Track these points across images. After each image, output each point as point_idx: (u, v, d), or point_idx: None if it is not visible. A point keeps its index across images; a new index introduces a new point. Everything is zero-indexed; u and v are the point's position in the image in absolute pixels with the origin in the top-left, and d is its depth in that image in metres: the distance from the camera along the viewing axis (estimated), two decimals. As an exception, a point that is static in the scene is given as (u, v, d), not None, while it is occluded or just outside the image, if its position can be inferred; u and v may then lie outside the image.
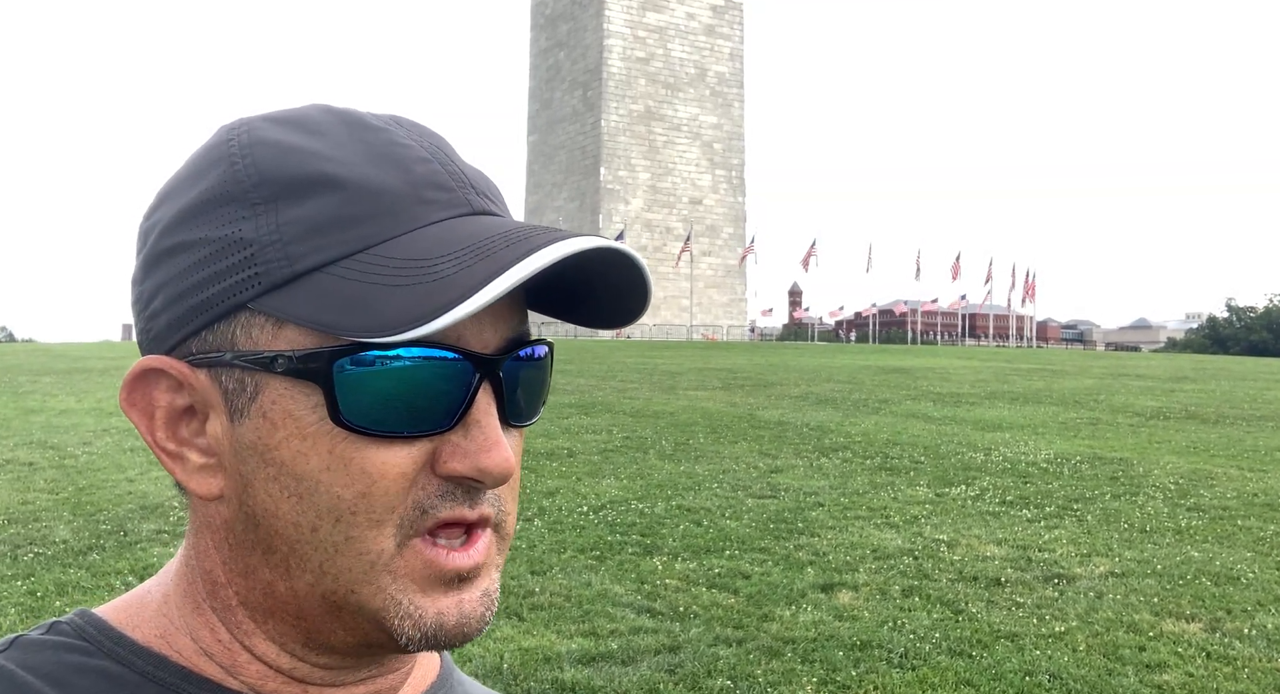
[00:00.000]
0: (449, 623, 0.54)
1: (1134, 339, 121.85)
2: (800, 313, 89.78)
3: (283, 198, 0.54)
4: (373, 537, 0.53)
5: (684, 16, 74.59)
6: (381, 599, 0.53)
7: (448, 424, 0.54)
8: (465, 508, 0.54)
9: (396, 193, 0.54)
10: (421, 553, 0.53)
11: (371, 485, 0.52)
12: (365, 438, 0.53)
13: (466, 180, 0.58)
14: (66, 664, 0.55)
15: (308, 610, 0.55)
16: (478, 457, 0.53)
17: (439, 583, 0.54)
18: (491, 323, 0.56)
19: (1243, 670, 4.72)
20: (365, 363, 0.52)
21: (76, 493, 8.64)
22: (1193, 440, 12.78)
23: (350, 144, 0.56)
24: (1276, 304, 77.88)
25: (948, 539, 7.22)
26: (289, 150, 0.55)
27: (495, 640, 4.99)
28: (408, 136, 0.58)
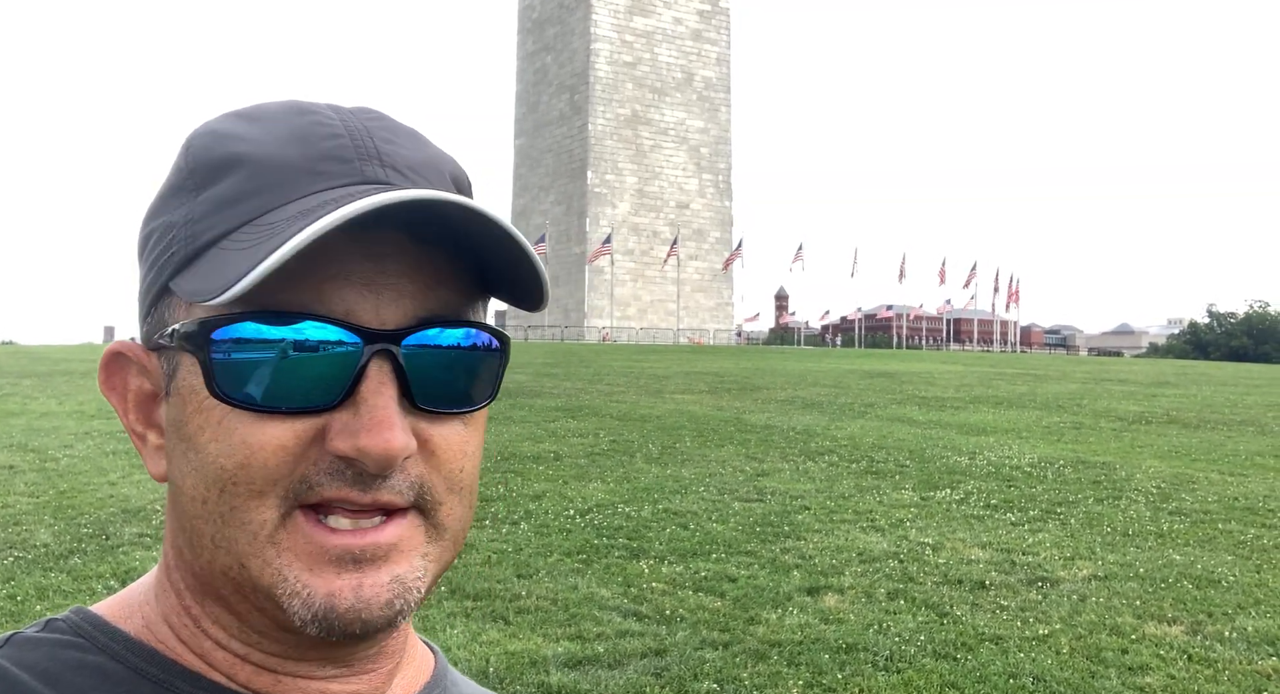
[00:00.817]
0: (341, 606, 0.51)
1: (1116, 344, 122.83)
2: (786, 317, 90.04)
3: (206, 181, 0.56)
4: (254, 506, 0.52)
5: (671, 21, 74.76)
6: (270, 574, 0.52)
7: (333, 401, 0.52)
8: (354, 491, 0.52)
9: (293, 166, 0.54)
10: (303, 528, 0.52)
11: (250, 456, 0.52)
12: (248, 411, 0.52)
13: (375, 154, 0.56)
14: (62, 661, 0.55)
15: (221, 590, 0.55)
16: (359, 436, 0.51)
17: (328, 562, 0.52)
18: (394, 297, 0.54)
19: (1223, 673, 4.76)
20: (242, 334, 0.52)
21: (57, 496, 8.56)
22: (1174, 445, 12.89)
23: (277, 127, 0.57)
24: (1257, 310, 78.69)
25: (933, 542, 7.25)
26: (220, 137, 0.57)
27: (481, 644, 4.98)
28: (337, 118, 0.57)
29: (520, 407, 15.79)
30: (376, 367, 0.53)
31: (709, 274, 74.00)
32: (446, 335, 0.55)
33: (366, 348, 0.52)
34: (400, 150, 0.57)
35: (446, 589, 5.88)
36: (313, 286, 0.52)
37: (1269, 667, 4.83)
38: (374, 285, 0.54)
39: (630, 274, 70.56)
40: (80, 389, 17.40)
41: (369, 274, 0.54)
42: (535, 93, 78.01)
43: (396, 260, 0.54)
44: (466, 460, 0.57)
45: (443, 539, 0.56)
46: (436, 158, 0.59)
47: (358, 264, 0.53)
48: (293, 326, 0.52)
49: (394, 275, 0.54)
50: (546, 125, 76.25)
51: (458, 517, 0.57)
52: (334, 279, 0.53)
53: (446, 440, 0.55)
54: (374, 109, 0.60)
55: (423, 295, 0.55)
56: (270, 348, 0.52)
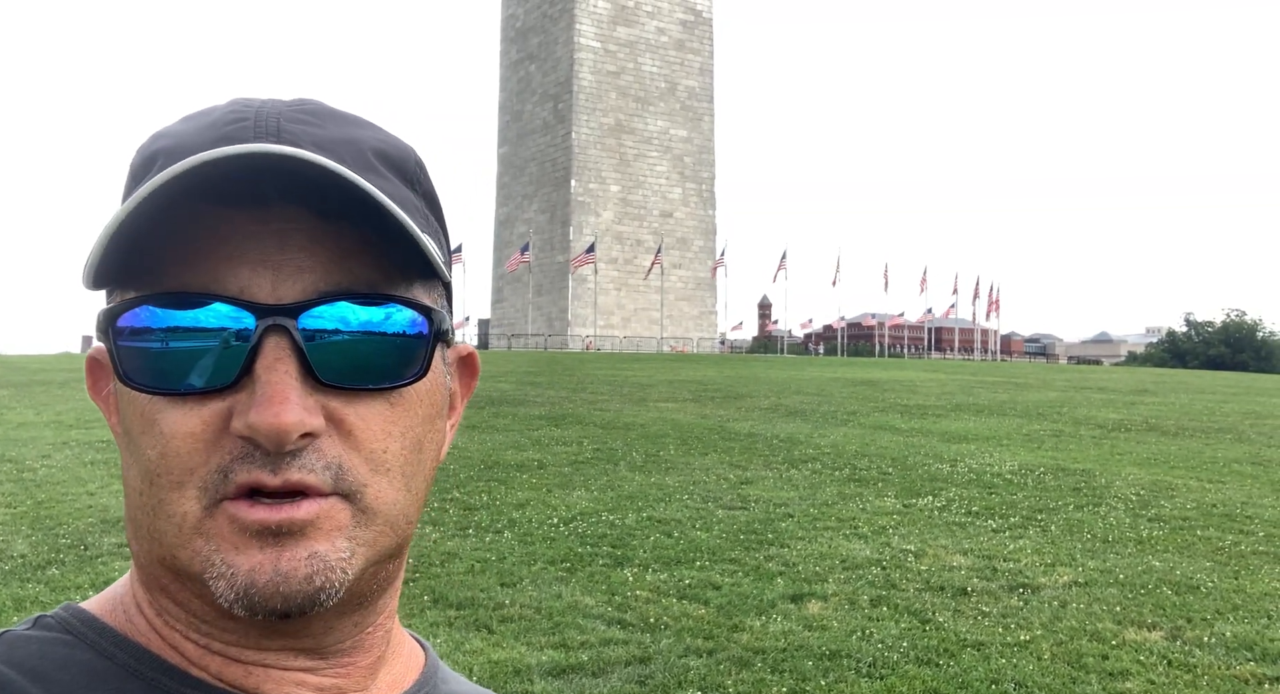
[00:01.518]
0: (260, 580, 0.51)
1: (1096, 353, 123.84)
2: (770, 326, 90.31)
3: (136, 182, 0.56)
4: (175, 499, 0.52)
5: (654, 31, 75.00)
6: (199, 562, 0.52)
7: (228, 380, 0.52)
8: (265, 473, 0.51)
9: (194, 151, 0.54)
10: (227, 510, 0.52)
11: (166, 446, 0.52)
12: (159, 398, 0.52)
13: (274, 133, 0.55)
14: (51, 659, 0.55)
15: (162, 579, 0.56)
16: (249, 412, 0.51)
17: (250, 538, 0.51)
18: (294, 273, 0.53)
19: (1202, 678, 4.81)
20: (140, 319, 0.52)
21: (35, 507, 8.46)
22: (1153, 452, 13.01)
23: (203, 121, 0.57)
24: (1234, 319, 79.50)
25: (915, 549, 7.29)
26: (154, 138, 0.58)
27: (464, 653, 4.96)
28: (254, 105, 0.57)
29: (504, 415, 15.75)
30: (272, 343, 0.52)
31: (693, 283, 74.11)
32: (355, 310, 0.54)
33: (259, 324, 0.52)
34: (310, 130, 0.56)
35: (429, 598, 5.86)
36: (212, 268, 0.53)
37: (1247, 671, 4.88)
38: (272, 262, 0.53)
39: (614, 283, 70.56)
40: (58, 399, 17.19)
41: (267, 251, 0.53)
42: (519, 102, 78.00)
43: (298, 236, 0.53)
44: (391, 440, 0.55)
45: (374, 523, 0.54)
46: (360, 136, 0.58)
47: (259, 242, 0.53)
48: (189, 310, 0.52)
49: (294, 251, 0.53)
50: (530, 134, 76.26)
51: (389, 500, 0.55)
52: (230, 259, 0.53)
53: (364, 419, 0.54)
54: (313, 100, 0.60)
55: (326, 270, 0.54)
56: (170, 332, 0.52)
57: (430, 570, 6.43)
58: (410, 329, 0.55)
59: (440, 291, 0.60)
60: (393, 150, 0.59)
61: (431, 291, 0.59)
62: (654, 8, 74.77)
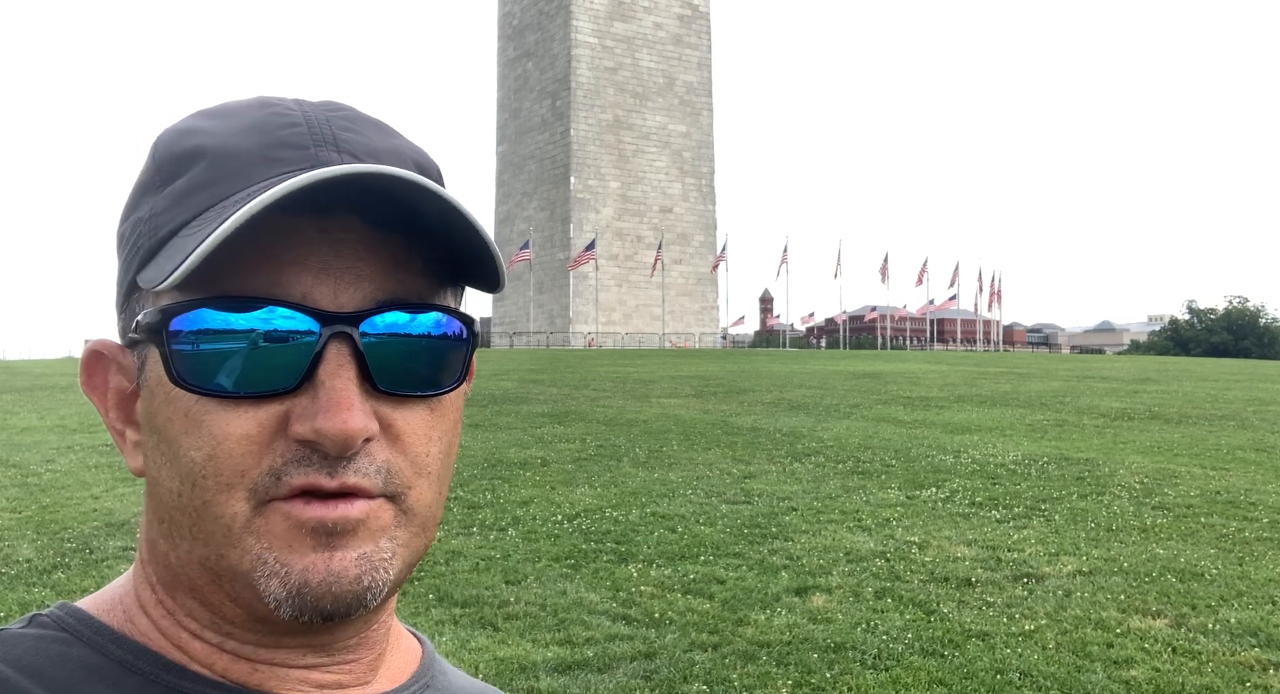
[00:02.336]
0: (314, 580, 0.52)
1: (1098, 342, 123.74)
2: (772, 320, 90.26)
3: (170, 176, 0.56)
4: (224, 501, 0.52)
5: (652, 26, 74.87)
6: (249, 560, 0.52)
7: (291, 384, 0.52)
8: (322, 476, 0.52)
9: (249, 155, 0.55)
10: (280, 509, 0.52)
11: (217, 447, 0.52)
12: (211, 399, 0.52)
13: (332, 141, 0.56)
14: (47, 656, 0.55)
15: (196, 581, 0.56)
16: (316, 417, 0.51)
17: (304, 537, 0.52)
18: (352, 281, 0.54)
19: (1207, 664, 4.81)
20: (200, 322, 0.52)
21: (40, 511, 8.48)
22: (1157, 440, 13.00)
23: (238, 120, 0.57)
24: (1236, 306, 79.41)
25: (919, 541, 7.29)
26: (183, 133, 0.58)
27: (470, 651, 4.97)
28: (298, 109, 0.58)
29: (507, 413, 15.76)
30: (334, 349, 0.53)
31: (694, 278, 74.08)
32: (409, 319, 0.55)
33: (324, 331, 0.53)
34: (359, 138, 0.57)
35: (434, 597, 5.87)
36: (271, 273, 0.53)
37: (1252, 658, 4.88)
38: (332, 270, 0.54)
39: (615, 279, 70.53)
40: (62, 403, 17.23)
41: (326, 259, 0.54)
42: (517, 99, 77.93)
43: (354, 245, 0.55)
44: (433, 444, 0.57)
45: (412, 524, 0.56)
46: (401, 147, 0.59)
47: (316, 250, 0.54)
48: (251, 313, 0.52)
49: (351, 259, 0.54)
50: (529, 131, 76.20)
51: (427, 502, 0.57)
52: (291, 264, 0.53)
53: (410, 424, 0.56)
54: (340, 102, 0.61)
55: (382, 279, 0.55)
56: (229, 335, 0.52)
57: (435, 569, 6.45)
58: (454, 337, 0.58)
59: (461, 296, 0.62)
60: (425, 160, 0.61)
61: (456, 297, 0.61)
62: (651, 3, 74.66)
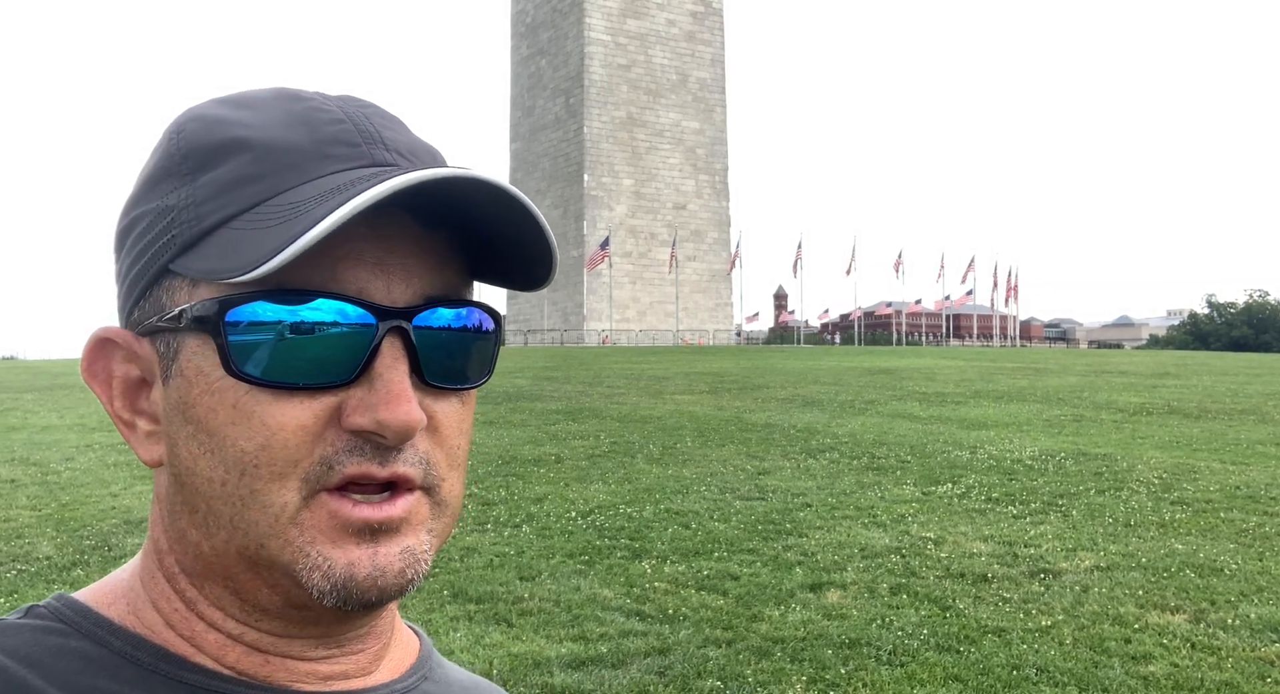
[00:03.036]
0: (360, 574, 0.53)
1: (1116, 336, 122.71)
2: (786, 316, 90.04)
3: (204, 165, 0.56)
4: (275, 490, 0.53)
5: (664, 23, 74.76)
6: (290, 552, 0.53)
7: (349, 376, 0.53)
8: (374, 465, 0.53)
9: (301, 149, 0.55)
10: (327, 505, 0.53)
11: (271, 438, 0.53)
12: (265, 390, 0.53)
13: (379, 139, 0.57)
14: (44, 646, 0.55)
15: (231, 569, 0.56)
16: (377, 409, 0.53)
17: (348, 534, 0.53)
18: (403, 277, 0.55)
19: (1227, 660, 4.77)
20: (258, 313, 0.53)
21: (59, 509, 8.57)
22: (1175, 435, 12.89)
23: (273, 112, 0.57)
24: (1257, 299, 78.57)
25: (934, 537, 7.26)
26: (214, 122, 0.58)
27: (484, 646, 4.98)
28: (332, 104, 0.59)
29: (521, 410, 15.80)
30: (390, 343, 0.54)
31: (708, 275, 73.99)
32: (452, 315, 0.57)
33: (381, 325, 0.54)
34: (396, 135, 0.59)
35: (449, 593, 5.89)
36: (326, 267, 0.54)
37: (1272, 653, 4.84)
38: (384, 266, 0.55)
39: (629, 276, 70.54)
40: (81, 402, 17.40)
41: (379, 255, 0.55)
42: (530, 97, 78.03)
43: (405, 241, 0.56)
44: (463, 437, 0.59)
45: (444, 515, 0.58)
46: (427, 144, 0.61)
47: (369, 245, 0.55)
48: (307, 305, 0.53)
49: (402, 256, 0.56)
50: (542, 129, 76.28)
51: (457, 493, 0.59)
52: (346, 259, 0.54)
53: (448, 417, 0.57)
54: (360, 97, 0.61)
55: (430, 276, 0.57)
56: (286, 327, 0.53)
57: (450, 565, 6.47)
58: (486, 331, 0.60)
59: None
60: (441, 156, 0.62)
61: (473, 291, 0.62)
62: (664, 0, 74.55)
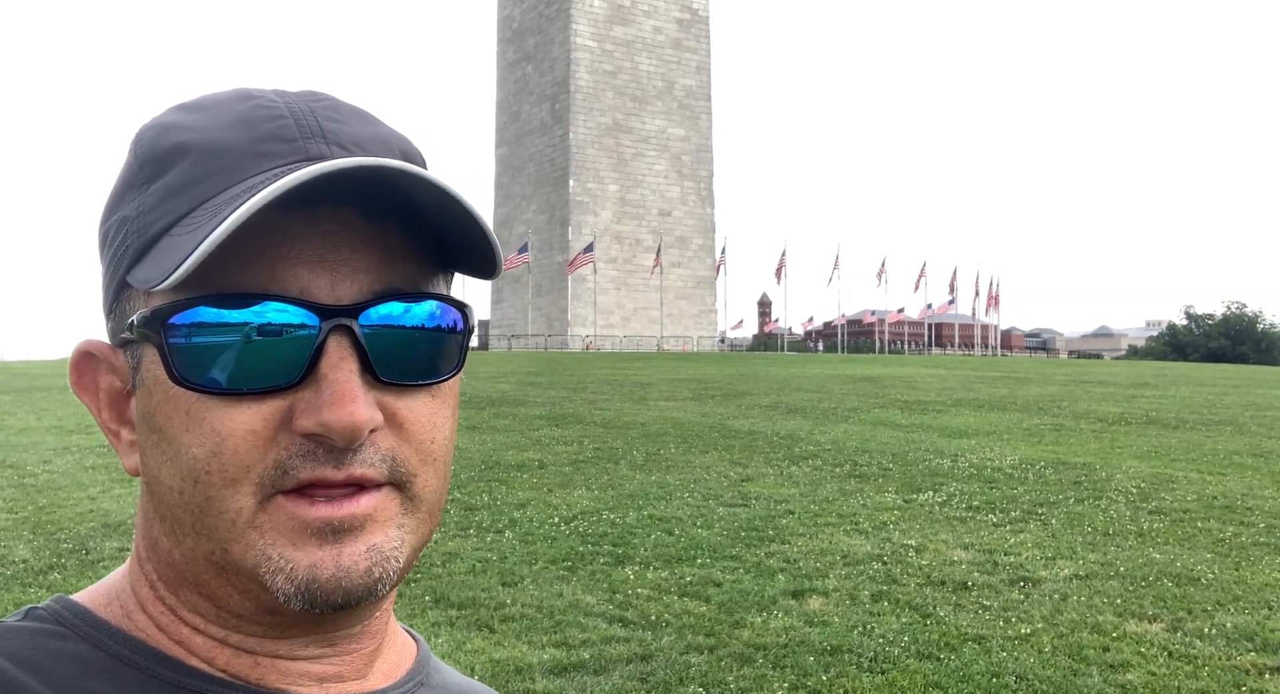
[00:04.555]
0: (323, 576, 0.52)
1: (1096, 347, 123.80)
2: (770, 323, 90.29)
3: (155, 173, 0.56)
4: (229, 496, 0.52)
5: (651, 30, 74.94)
6: (253, 556, 0.53)
7: (294, 379, 0.52)
8: (329, 468, 0.52)
9: (237, 149, 0.55)
10: (284, 506, 0.52)
11: (221, 444, 0.52)
12: (214, 397, 0.52)
13: (319, 132, 0.56)
14: (44, 650, 0.56)
15: (201, 575, 0.56)
16: (321, 411, 0.52)
17: (309, 534, 0.52)
18: (348, 274, 0.54)
19: (1203, 669, 4.81)
20: (197, 319, 0.52)
21: (36, 512, 8.47)
22: (1154, 445, 13.01)
23: (220, 114, 0.57)
24: (1234, 311, 79.45)
25: (916, 544, 7.29)
26: (165, 129, 0.57)
27: (466, 653, 4.97)
28: (281, 101, 0.58)
29: (504, 415, 15.76)
30: (335, 342, 0.53)
31: (692, 281, 74.07)
32: (406, 309, 0.56)
33: (324, 324, 0.53)
34: (345, 128, 0.57)
35: (431, 598, 5.87)
36: (267, 268, 0.53)
37: (1248, 662, 4.89)
38: (327, 263, 0.54)
39: (613, 282, 70.52)
40: (59, 404, 17.21)
41: (321, 252, 0.54)
42: (516, 102, 77.97)
43: (349, 237, 0.55)
44: (436, 432, 0.57)
45: (419, 511, 0.57)
46: (386, 135, 0.59)
47: (310, 243, 0.54)
48: (248, 309, 0.52)
49: (347, 251, 0.54)
50: (528, 134, 76.22)
51: (433, 488, 0.57)
52: (287, 259, 0.53)
53: (414, 413, 0.56)
54: (321, 91, 0.61)
55: (379, 270, 0.55)
56: (227, 331, 0.52)
57: (432, 571, 6.44)
58: (449, 324, 0.58)
59: (451, 284, 0.62)
60: (409, 147, 0.60)
61: (449, 284, 0.61)
62: (650, 7, 74.74)
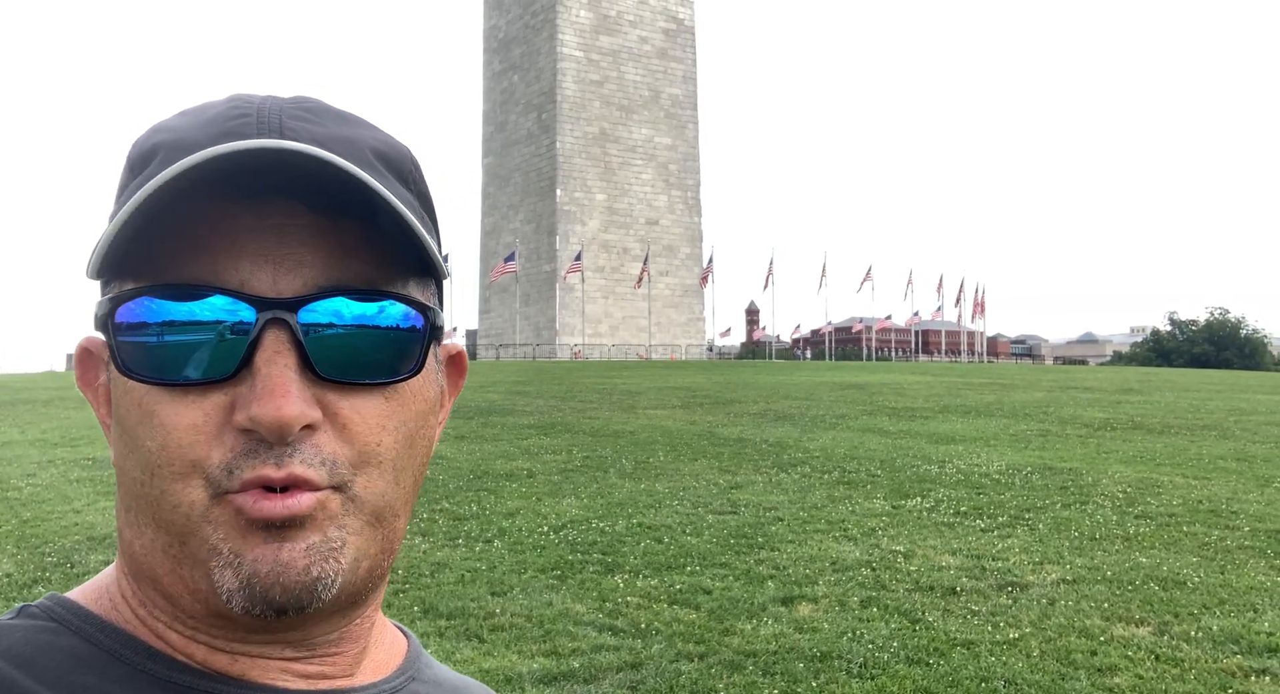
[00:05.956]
0: (263, 570, 0.52)
1: (1081, 353, 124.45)
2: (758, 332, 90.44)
3: (134, 175, 0.57)
4: (180, 490, 0.53)
5: (637, 40, 75.20)
6: (206, 550, 0.53)
7: (229, 371, 0.52)
8: (270, 467, 0.52)
9: (195, 146, 0.55)
10: (233, 502, 0.53)
11: (168, 437, 0.53)
12: (161, 389, 0.53)
13: (277, 129, 0.55)
14: (36, 645, 0.56)
15: (158, 570, 0.56)
16: (251, 404, 0.51)
17: (255, 529, 0.52)
18: (292, 268, 0.54)
19: (1190, 672, 4.85)
20: (139, 312, 0.53)
21: (20, 525, 8.40)
22: (1139, 450, 13.09)
23: (202, 116, 0.58)
24: (1217, 317, 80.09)
25: (904, 550, 7.31)
26: (151, 133, 0.59)
27: (456, 663, 4.94)
28: (258, 102, 0.58)
29: (493, 425, 15.72)
30: (272, 336, 0.53)
31: (680, 290, 74.17)
32: (353, 305, 0.55)
33: (260, 317, 0.53)
34: (311, 127, 0.57)
35: (420, 608, 5.84)
36: (210, 260, 0.53)
37: (1234, 664, 4.92)
38: (272, 256, 0.54)
39: (601, 291, 70.54)
40: (43, 417, 17.06)
41: (266, 246, 0.54)
42: (503, 112, 78.03)
43: (297, 232, 0.54)
44: (385, 434, 0.56)
45: (362, 512, 0.55)
46: (358, 136, 0.58)
47: (257, 236, 0.54)
48: (189, 301, 0.53)
49: (294, 246, 0.54)
50: (514, 144, 76.27)
51: (377, 491, 0.56)
52: (230, 252, 0.54)
53: (359, 413, 0.55)
54: (312, 97, 0.60)
55: (325, 266, 0.55)
56: (170, 326, 0.53)
57: (420, 581, 6.42)
58: (406, 324, 0.56)
59: (434, 290, 0.61)
60: (390, 150, 0.60)
61: (425, 290, 0.60)
62: (636, 17, 75.02)
